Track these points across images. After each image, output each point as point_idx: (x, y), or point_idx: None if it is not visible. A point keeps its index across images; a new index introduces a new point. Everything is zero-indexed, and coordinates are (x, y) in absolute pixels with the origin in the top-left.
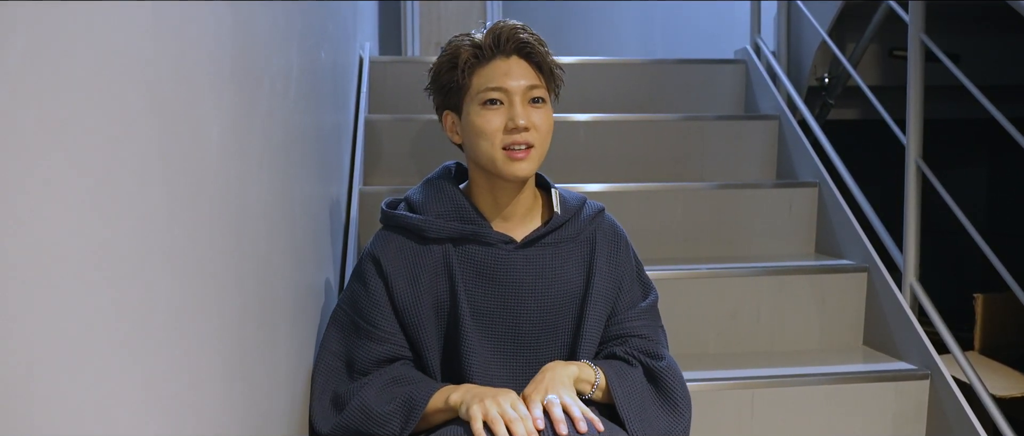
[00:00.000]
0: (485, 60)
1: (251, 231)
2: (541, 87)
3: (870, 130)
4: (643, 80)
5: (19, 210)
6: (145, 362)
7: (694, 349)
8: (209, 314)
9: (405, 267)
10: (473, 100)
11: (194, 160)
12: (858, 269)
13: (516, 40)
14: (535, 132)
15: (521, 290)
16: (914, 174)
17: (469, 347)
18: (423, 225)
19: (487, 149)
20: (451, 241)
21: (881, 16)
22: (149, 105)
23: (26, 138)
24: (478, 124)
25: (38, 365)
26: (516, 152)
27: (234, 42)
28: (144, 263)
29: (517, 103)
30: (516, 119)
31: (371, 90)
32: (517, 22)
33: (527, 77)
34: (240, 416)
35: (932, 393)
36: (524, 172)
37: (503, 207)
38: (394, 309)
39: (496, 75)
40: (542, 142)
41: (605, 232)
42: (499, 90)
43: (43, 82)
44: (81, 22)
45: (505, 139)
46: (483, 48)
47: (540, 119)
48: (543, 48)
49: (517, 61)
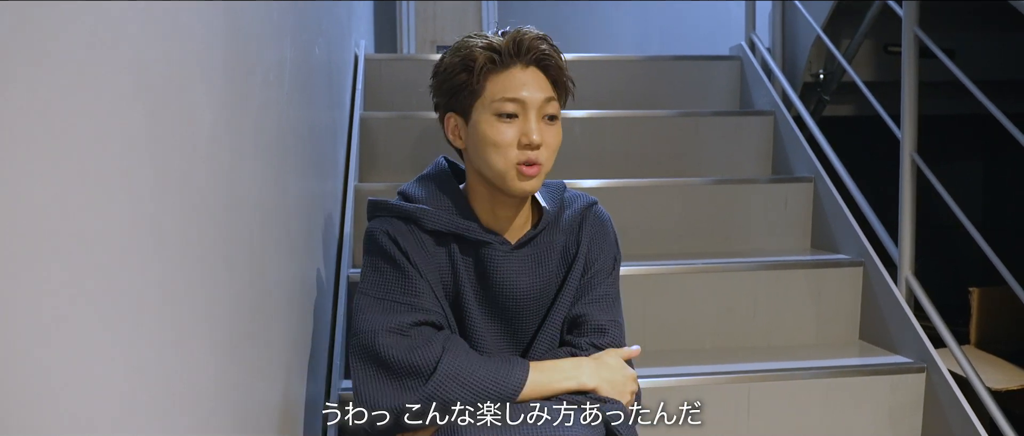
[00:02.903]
0: (502, 67)
1: (243, 221)
2: (556, 102)
3: (865, 126)
4: (639, 77)
5: (5, 193)
6: (134, 347)
7: (691, 344)
8: (199, 301)
9: (415, 241)
10: (486, 108)
11: (184, 146)
12: (854, 263)
13: (537, 50)
14: (545, 150)
15: (517, 289)
16: (909, 168)
17: (474, 325)
18: (421, 214)
19: (498, 163)
20: (451, 237)
21: (875, 12)
22: (137, 89)
23: (11, 120)
24: (491, 135)
25: (25, 350)
26: (527, 168)
27: (226, 31)
28: (134, 247)
29: (533, 118)
30: (530, 135)
31: (366, 88)
32: (538, 30)
33: (544, 91)
34: (232, 404)
35: (928, 386)
36: (531, 190)
37: (498, 216)
38: (422, 277)
39: (513, 85)
40: (549, 160)
41: (592, 223)
42: (516, 102)
43: (28, 64)
44: (68, 2)
45: (519, 155)
46: (501, 54)
47: (551, 136)
48: (562, 62)
49: (535, 73)
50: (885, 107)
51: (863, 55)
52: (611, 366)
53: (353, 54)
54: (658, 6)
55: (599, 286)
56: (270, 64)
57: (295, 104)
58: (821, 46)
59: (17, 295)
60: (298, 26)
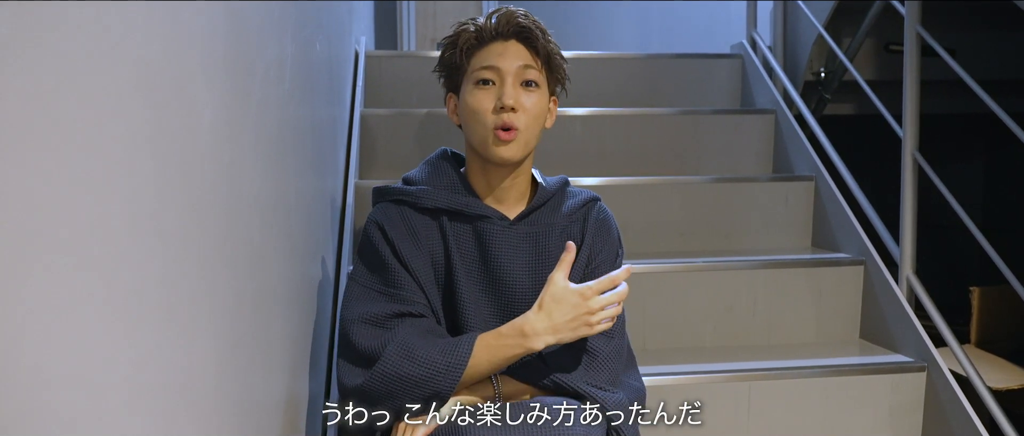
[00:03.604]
0: (484, 42)
1: (244, 217)
2: (535, 70)
3: (866, 124)
4: (640, 75)
5: (8, 189)
6: (136, 344)
7: (691, 342)
8: (201, 298)
9: (405, 228)
10: (469, 80)
11: (185, 143)
12: (855, 262)
13: (515, 24)
14: (523, 114)
15: (514, 266)
16: (911, 167)
17: (466, 306)
18: (419, 194)
19: (479, 129)
20: (446, 214)
21: (877, 10)
22: (140, 86)
23: (15, 116)
24: (470, 103)
25: (26, 348)
26: (503, 133)
27: (227, 28)
28: (136, 244)
29: (508, 83)
30: (504, 98)
31: (367, 84)
32: (522, 8)
33: (521, 59)
34: (234, 401)
35: (928, 385)
36: (510, 157)
37: (495, 188)
38: (404, 267)
39: (491, 56)
40: (528, 126)
41: (597, 217)
42: (491, 69)
43: (32, 60)
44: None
45: (495, 120)
46: (483, 30)
47: (529, 102)
48: (543, 35)
49: (515, 44)
50: (887, 106)
51: (864, 54)
52: (560, 301)
53: (353, 51)
54: (659, 4)
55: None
56: (271, 60)
57: (296, 101)
58: (822, 44)
59: (19, 292)
60: (299, 22)
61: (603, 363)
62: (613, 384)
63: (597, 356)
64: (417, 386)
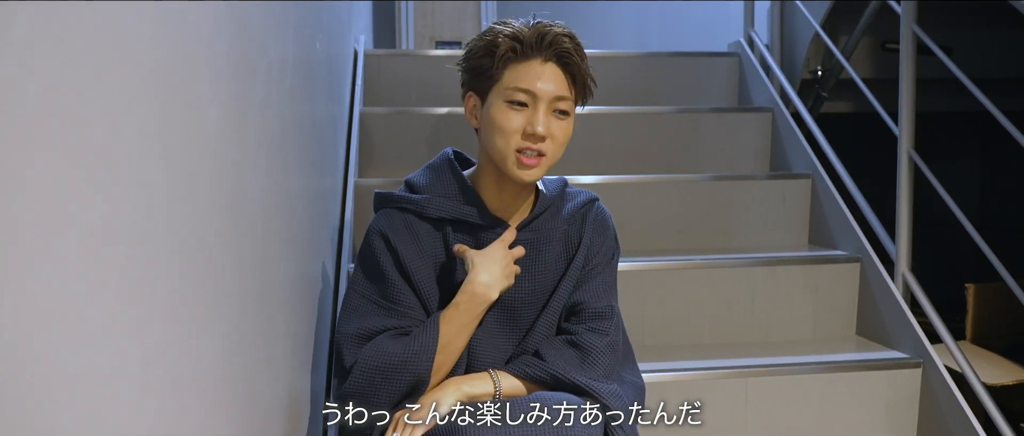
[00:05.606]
0: (522, 57)
1: (248, 215)
2: (569, 100)
3: (863, 123)
4: (638, 73)
5: (22, 186)
6: (144, 342)
7: (689, 339)
8: (208, 296)
9: (410, 236)
10: (500, 94)
11: (192, 143)
12: (851, 259)
13: (559, 46)
14: (551, 142)
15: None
16: (907, 165)
17: None
18: (423, 203)
19: (501, 147)
20: (450, 222)
21: (874, 9)
22: (150, 87)
23: (30, 118)
24: (498, 120)
25: (36, 345)
26: (527, 158)
27: (231, 28)
28: (146, 243)
29: (541, 109)
30: (535, 125)
31: (366, 83)
32: (566, 27)
33: (558, 86)
34: (239, 398)
35: (924, 382)
36: (531, 178)
37: (504, 199)
38: (406, 279)
39: (528, 76)
40: (555, 153)
41: (594, 218)
42: (527, 92)
43: (46, 59)
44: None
45: (520, 142)
46: (523, 44)
47: (559, 130)
48: (583, 62)
49: (553, 68)
50: (883, 104)
51: (861, 52)
52: (485, 254)
53: (353, 50)
54: (657, 3)
55: (598, 276)
56: (273, 60)
57: (297, 100)
58: (819, 43)
59: (30, 290)
60: (300, 22)
61: (598, 358)
62: (608, 377)
63: (591, 352)
64: (395, 372)
